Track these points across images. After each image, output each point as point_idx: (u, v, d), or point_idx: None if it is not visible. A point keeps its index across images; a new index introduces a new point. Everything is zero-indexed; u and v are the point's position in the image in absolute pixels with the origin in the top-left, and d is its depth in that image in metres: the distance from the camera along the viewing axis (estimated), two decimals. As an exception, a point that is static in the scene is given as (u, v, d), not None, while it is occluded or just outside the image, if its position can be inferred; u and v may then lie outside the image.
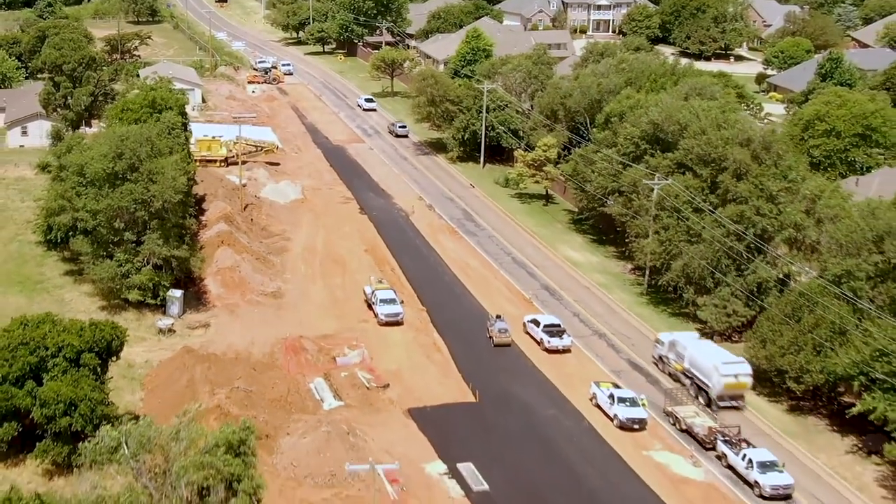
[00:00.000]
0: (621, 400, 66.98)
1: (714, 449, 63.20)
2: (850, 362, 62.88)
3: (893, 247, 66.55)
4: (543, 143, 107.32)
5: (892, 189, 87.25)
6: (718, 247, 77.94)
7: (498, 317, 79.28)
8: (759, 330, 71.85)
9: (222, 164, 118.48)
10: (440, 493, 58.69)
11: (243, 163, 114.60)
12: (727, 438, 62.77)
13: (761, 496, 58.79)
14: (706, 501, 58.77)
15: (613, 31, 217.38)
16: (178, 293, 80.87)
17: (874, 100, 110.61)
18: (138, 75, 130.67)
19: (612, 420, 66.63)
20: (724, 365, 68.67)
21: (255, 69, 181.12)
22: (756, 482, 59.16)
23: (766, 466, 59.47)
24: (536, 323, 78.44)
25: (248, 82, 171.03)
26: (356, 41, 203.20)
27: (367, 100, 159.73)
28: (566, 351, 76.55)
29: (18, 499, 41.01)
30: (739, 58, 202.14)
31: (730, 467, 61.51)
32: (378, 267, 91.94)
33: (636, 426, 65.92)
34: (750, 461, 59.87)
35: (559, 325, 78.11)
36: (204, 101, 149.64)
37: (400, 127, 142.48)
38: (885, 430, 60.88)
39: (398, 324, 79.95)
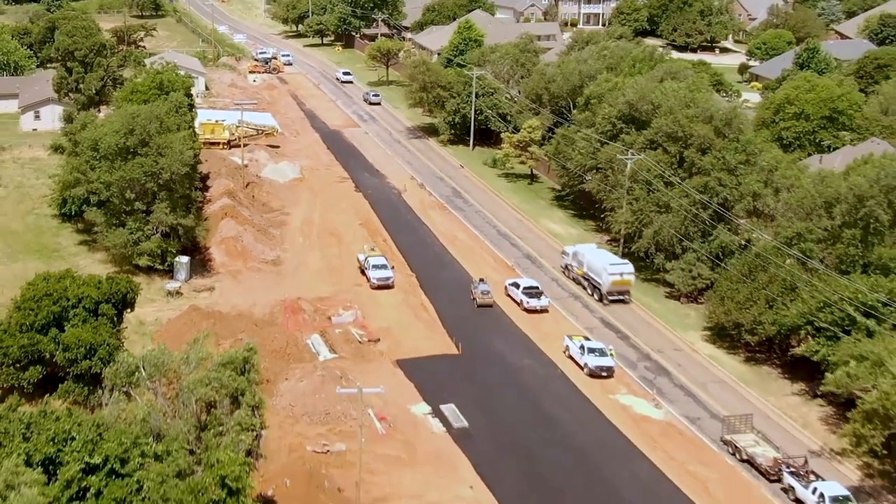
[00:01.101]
0: (591, 350, 73.29)
1: (779, 481, 59.59)
2: (797, 313, 69.23)
3: (841, 211, 72.89)
4: (528, 125, 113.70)
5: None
6: (685, 215, 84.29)
7: (481, 280, 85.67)
8: (718, 289, 78.24)
9: (225, 146, 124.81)
10: (424, 429, 65.00)
11: (245, 145, 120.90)
12: (794, 470, 59.24)
13: None
14: (663, 436, 65.05)
15: (603, 24, 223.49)
16: (184, 259, 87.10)
17: (841, 84, 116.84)
18: (144, 64, 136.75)
19: (582, 368, 72.91)
20: (611, 266, 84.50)
21: (256, 59, 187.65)
22: None
23: (839, 502, 55.84)
24: (517, 286, 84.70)
25: (250, 72, 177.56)
26: (353, 33, 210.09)
27: (345, 73, 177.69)
28: (544, 311, 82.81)
29: (52, 412, 47.12)
30: (725, 50, 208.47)
31: (798, 501, 58.02)
32: (371, 239, 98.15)
33: (604, 374, 72.20)
34: (822, 496, 56.19)
35: (538, 288, 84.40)
36: (207, 88, 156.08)
37: (373, 95, 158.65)
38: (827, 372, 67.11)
39: (389, 287, 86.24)
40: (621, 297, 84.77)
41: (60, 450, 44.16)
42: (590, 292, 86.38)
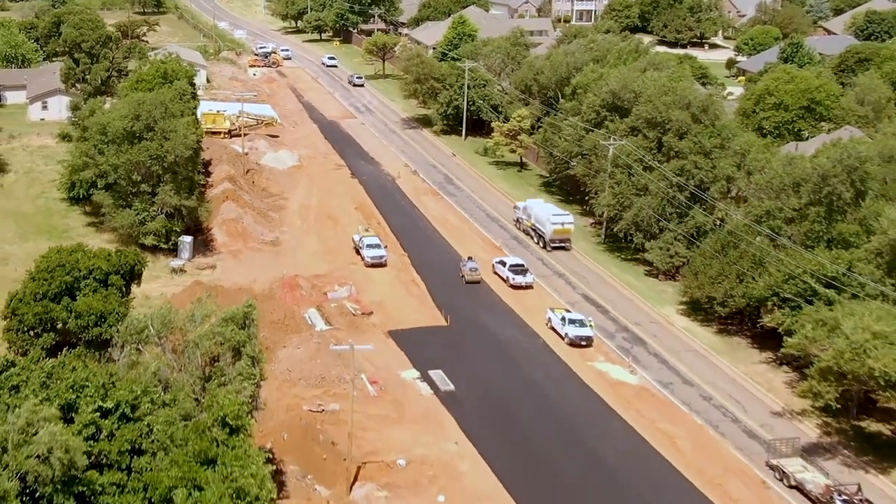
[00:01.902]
0: (571, 321, 77.76)
1: None
2: (764, 286, 73.68)
3: (807, 190, 77.33)
4: (518, 115, 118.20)
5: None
6: (663, 197, 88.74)
7: (469, 258, 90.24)
8: (693, 264, 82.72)
9: (226, 135, 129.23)
10: (413, 392, 69.49)
11: (245, 134, 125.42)
12: (847, 498, 55.75)
13: None
14: (637, 398, 69.52)
15: (596, 21, 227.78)
16: (188, 239, 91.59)
17: (819, 76, 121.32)
18: (148, 56, 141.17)
19: (563, 338, 77.39)
20: (553, 216, 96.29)
21: (255, 54, 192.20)
22: None
23: None
24: (503, 263, 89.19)
25: (250, 66, 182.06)
26: (351, 29, 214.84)
27: (330, 58, 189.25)
28: (529, 287, 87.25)
29: (70, 362, 51.44)
30: (714, 46, 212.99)
31: None
32: (367, 221, 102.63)
33: (583, 343, 76.67)
34: None
35: (523, 265, 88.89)
36: (209, 81, 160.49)
37: (357, 78, 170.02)
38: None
39: (382, 265, 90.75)
40: (562, 245, 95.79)
41: (78, 396, 48.42)
42: (536, 241, 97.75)
